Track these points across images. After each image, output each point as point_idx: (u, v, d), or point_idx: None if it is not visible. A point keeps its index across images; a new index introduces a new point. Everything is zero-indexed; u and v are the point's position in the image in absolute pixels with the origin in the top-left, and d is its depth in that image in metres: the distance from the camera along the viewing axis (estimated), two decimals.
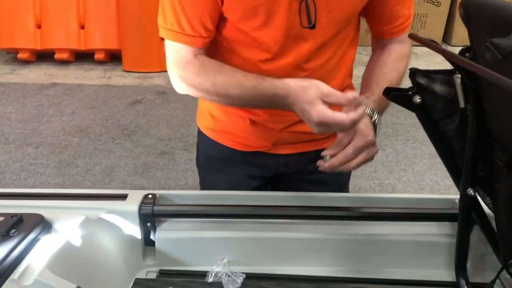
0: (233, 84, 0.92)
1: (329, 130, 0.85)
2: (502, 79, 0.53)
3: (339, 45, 1.01)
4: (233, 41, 0.98)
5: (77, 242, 0.88)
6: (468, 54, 0.72)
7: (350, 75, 1.14)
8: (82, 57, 4.14)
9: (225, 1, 0.91)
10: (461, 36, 4.53)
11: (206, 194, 1.07)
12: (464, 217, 0.89)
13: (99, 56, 4.06)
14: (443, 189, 2.40)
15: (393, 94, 0.81)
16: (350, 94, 0.82)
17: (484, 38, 0.61)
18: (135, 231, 0.96)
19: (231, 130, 1.13)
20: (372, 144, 0.91)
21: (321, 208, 1.00)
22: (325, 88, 0.83)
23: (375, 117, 0.95)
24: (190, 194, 1.05)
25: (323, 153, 0.91)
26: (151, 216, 0.96)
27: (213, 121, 1.16)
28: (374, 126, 0.94)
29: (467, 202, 0.87)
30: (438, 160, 0.92)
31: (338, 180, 1.24)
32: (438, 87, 0.80)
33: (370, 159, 0.92)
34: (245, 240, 0.98)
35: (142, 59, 3.95)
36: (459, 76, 0.74)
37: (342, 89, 1.10)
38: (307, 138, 1.12)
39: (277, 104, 0.90)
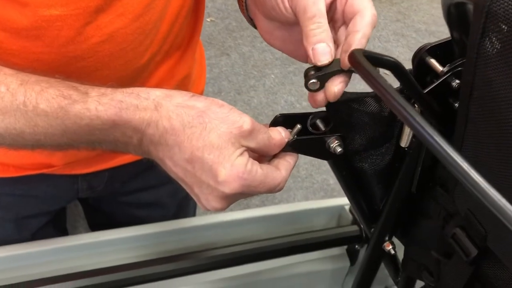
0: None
1: (239, 198, 0.41)
2: None
3: None
4: None
5: None
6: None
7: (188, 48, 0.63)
8: None
9: None
10: None
11: None
12: (368, 272, 0.60)
13: None
14: (298, 109, 2.13)
15: (296, 140, 0.41)
16: (282, 131, 0.42)
17: None
18: None
19: None
20: None
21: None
22: (246, 119, 0.39)
23: None
24: None
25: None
26: None
27: None
28: None
29: (378, 254, 0.57)
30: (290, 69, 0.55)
31: (177, 199, 0.80)
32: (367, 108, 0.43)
33: None
34: None
35: None
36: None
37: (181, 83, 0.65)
38: None
39: (112, 143, 0.41)
